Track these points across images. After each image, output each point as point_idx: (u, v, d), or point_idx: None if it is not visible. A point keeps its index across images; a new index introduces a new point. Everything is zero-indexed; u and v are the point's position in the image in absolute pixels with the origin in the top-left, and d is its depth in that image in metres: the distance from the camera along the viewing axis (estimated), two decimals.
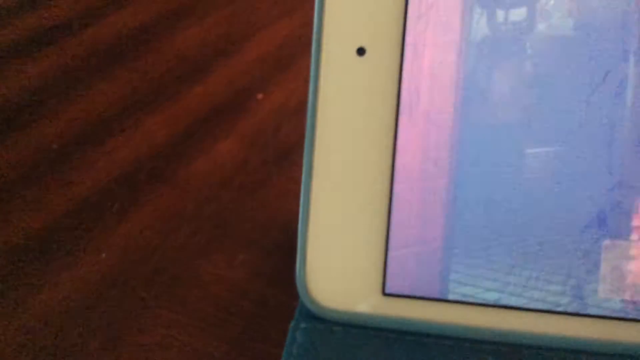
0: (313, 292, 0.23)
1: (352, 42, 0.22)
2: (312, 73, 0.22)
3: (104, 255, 0.29)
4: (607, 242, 0.21)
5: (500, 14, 0.21)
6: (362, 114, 0.22)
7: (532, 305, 0.22)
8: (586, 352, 0.21)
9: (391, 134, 0.22)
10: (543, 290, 0.22)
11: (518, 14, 0.21)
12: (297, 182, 0.33)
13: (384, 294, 0.22)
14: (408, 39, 0.22)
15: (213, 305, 0.26)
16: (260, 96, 0.39)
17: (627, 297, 0.21)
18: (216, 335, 0.25)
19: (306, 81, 0.41)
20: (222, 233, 0.30)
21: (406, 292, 0.22)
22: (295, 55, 0.43)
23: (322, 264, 0.22)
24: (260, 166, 0.34)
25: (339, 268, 0.22)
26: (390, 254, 0.22)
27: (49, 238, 0.30)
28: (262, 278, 0.27)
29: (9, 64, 0.43)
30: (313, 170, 0.22)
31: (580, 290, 0.21)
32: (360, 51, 0.22)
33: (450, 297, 0.22)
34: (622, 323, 0.21)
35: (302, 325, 0.22)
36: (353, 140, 0.22)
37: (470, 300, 0.22)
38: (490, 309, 0.22)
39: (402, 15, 0.22)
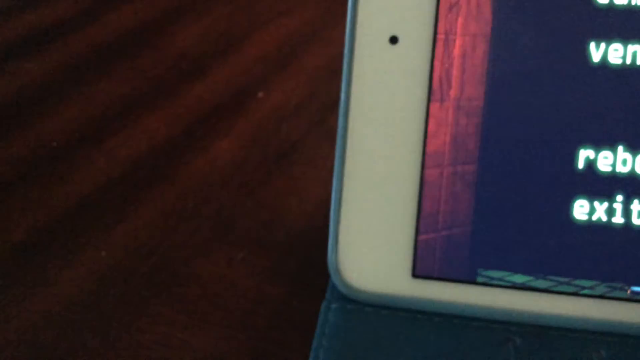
0: (344, 273, 0.23)
1: (384, 30, 0.23)
2: (345, 61, 0.23)
3: (103, 253, 0.29)
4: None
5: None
6: (394, 101, 0.23)
7: (559, 288, 0.22)
8: (612, 335, 0.22)
9: (422, 121, 0.23)
10: (569, 273, 0.22)
11: None
12: (297, 181, 0.33)
13: (414, 276, 0.23)
14: (440, 28, 0.22)
15: (213, 304, 0.26)
16: (260, 95, 0.39)
17: None
18: (215, 333, 0.25)
19: (306, 80, 0.41)
20: (222, 232, 0.30)
21: (435, 275, 0.23)
22: (295, 54, 0.43)
23: (354, 247, 0.23)
24: (260, 165, 0.34)
25: (369, 250, 0.23)
26: (420, 237, 0.23)
27: (49, 236, 0.30)
28: (262, 277, 0.27)
29: (9, 62, 0.43)
30: (346, 156, 0.23)
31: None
32: (393, 40, 0.23)
33: (479, 279, 0.23)
34: None
35: (334, 305, 0.23)
36: (385, 126, 0.23)
37: (498, 282, 0.22)
38: (518, 292, 0.22)
39: (434, 5, 0.22)
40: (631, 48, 0.22)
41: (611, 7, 0.22)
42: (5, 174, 0.33)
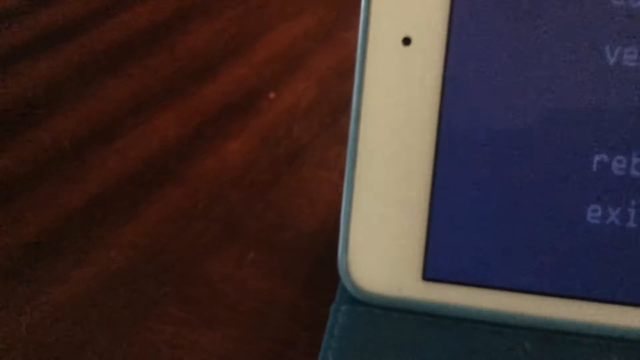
0: (354, 276, 0.23)
1: (398, 32, 0.23)
2: (358, 62, 0.23)
3: (113, 252, 0.29)
4: None
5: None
6: (407, 103, 0.23)
7: (569, 292, 0.22)
8: (624, 340, 0.22)
9: (435, 123, 0.23)
10: (580, 277, 0.22)
11: None
12: (307, 182, 0.33)
13: (424, 279, 0.23)
14: (453, 29, 0.22)
15: (221, 304, 0.26)
16: (271, 96, 0.39)
17: None
18: (224, 334, 0.25)
19: (318, 81, 0.41)
20: (232, 232, 0.30)
21: (446, 278, 0.23)
22: (306, 55, 0.43)
23: (364, 249, 0.23)
24: (271, 166, 0.34)
25: (380, 253, 0.23)
26: (431, 239, 0.23)
27: (59, 235, 0.30)
28: (271, 277, 0.27)
29: (21, 62, 0.43)
30: (357, 157, 0.23)
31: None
32: (406, 41, 0.22)
33: (489, 283, 0.22)
34: None
35: (343, 307, 0.23)
36: (396, 128, 0.23)
37: (509, 286, 0.22)
38: (528, 296, 0.22)
39: (448, 6, 0.22)
40: None
41: (627, 9, 0.22)
42: (16, 173, 0.33)
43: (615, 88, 0.22)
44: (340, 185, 0.24)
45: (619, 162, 0.22)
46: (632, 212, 0.22)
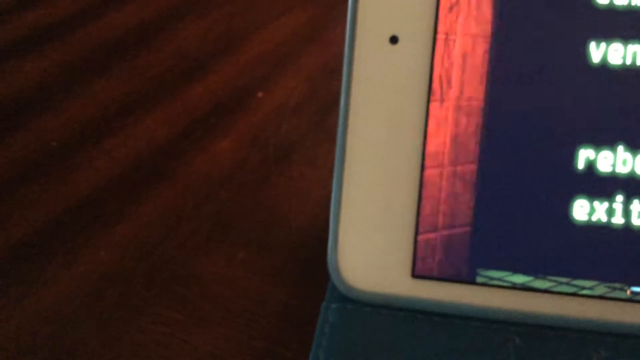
0: (344, 274, 0.23)
1: (385, 30, 0.23)
2: (345, 61, 0.23)
3: (103, 253, 0.29)
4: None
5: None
6: (394, 101, 0.23)
7: (559, 289, 0.22)
8: (612, 335, 0.22)
9: (422, 120, 0.23)
10: (569, 274, 0.22)
11: None
12: (297, 181, 0.33)
13: (413, 276, 0.23)
14: (440, 28, 0.22)
15: (212, 304, 0.26)
16: (260, 94, 0.39)
17: None
18: (215, 333, 0.25)
19: (306, 79, 0.41)
20: (222, 231, 0.30)
21: (435, 275, 0.23)
22: (295, 54, 0.43)
23: (353, 247, 0.23)
24: (260, 165, 0.34)
25: (369, 250, 0.23)
26: (420, 236, 0.23)
27: (49, 236, 0.30)
28: (261, 276, 0.27)
29: (9, 62, 0.43)
30: (346, 155, 0.23)
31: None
32: (393, 39, 0.23)
33: (478, 280, 0.23)
34: None
35: (333, 305, 0.23)
36: (385, 126, 0.23)
37: (497, 283, 0.22)
38: (517, 292, 0.22)
39: (434, 5, 0.22)
40: (631, 48, 0.22)
41: (611, 7, 0.22)
42: (4, 173, 0.33)
43: (601, 84, 0.22)
44: (330, 184, 0.24)
45: (605, 158, 0.22)
46: (618, 207, 0.22)
